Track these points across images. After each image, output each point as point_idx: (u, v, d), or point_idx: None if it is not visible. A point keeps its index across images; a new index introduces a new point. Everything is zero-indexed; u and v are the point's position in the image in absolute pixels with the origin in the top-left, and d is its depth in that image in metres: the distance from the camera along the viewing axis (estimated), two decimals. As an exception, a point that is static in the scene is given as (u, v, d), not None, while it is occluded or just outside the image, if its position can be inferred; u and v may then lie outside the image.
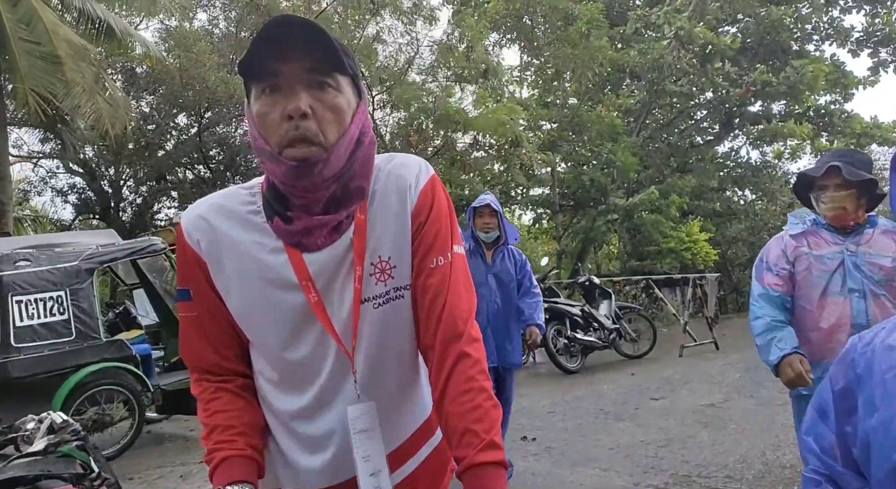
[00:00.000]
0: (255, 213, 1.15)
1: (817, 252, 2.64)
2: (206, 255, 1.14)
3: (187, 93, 12.89)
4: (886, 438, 0.84)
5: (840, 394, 0.95)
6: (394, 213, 1.14)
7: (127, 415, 5.85)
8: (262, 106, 1.05)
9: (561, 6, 14.52)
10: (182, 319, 1.22)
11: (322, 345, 1.14)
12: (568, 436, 5.42)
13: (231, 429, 1.15)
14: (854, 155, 2.62)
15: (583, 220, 15.60)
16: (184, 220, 1.17)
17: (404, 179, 1.15)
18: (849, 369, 0.94)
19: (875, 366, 0.90)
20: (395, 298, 1.15)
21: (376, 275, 1.14)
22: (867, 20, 18.51)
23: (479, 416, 1.06)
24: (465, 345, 1.11)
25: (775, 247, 2.77)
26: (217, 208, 1.16)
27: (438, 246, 1.15)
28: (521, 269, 4.33)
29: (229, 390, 1.20)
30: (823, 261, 2.62)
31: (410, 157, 1.20)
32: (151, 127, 13.85)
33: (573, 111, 15.39)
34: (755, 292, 2.78)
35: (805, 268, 2.66)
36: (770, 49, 17.15)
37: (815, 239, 2.67)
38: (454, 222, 1.20)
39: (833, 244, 2.62)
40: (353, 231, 1.13)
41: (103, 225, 14.45)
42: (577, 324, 8.95)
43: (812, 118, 17.92)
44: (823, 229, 2.67)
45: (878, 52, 18.55)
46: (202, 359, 1.21)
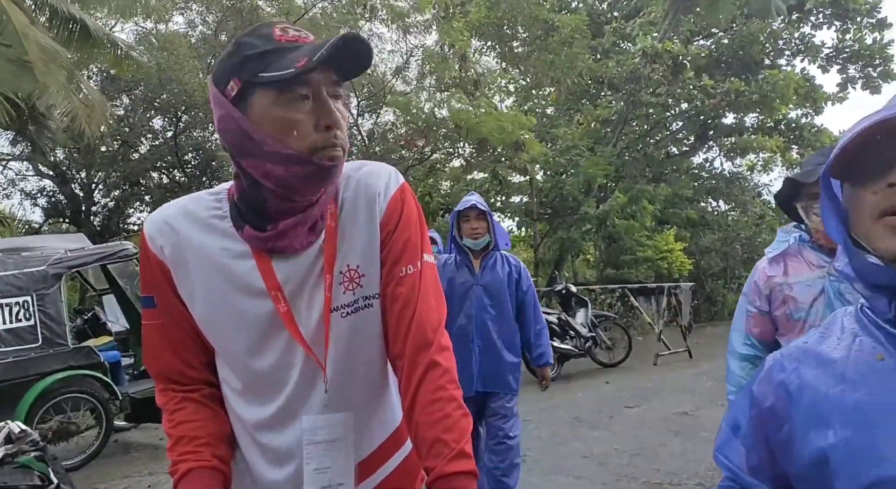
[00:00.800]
0: (222, 219, 1.13)
1: (795, 278, 2.17)
2: (169, 261, 1.12)
3: (164, 95, 12.74)
4: (852, 456, 0.83)
5: (769, 412, 0.94)
6: (363, 222, 1.14)
7: (94, 423, 5.72)
8: (291, 112, 1.02)
9: (541, 17, 14.66)
10: (146, 327, 1.19)
11: (289, 354, 1.12)
12: (542, 444, 5.42)
13: (196, 440, 1.13)
14: None
15: (559, 229, 15.72)
16: (147, 225, 1.15)
17: (373, 188, 1.15)
18: (778, 387, 0.93)
19: (810, 382, 0.90)
20: (363, 307, 1.14)
21: (345, 283, 1.13)
22: (837, 36, 18.97)
23: (448, 425, 1.05)
24: (435, 353, 1.10)
25: (752, 276, 2.32)
26: (182, 213, 1.14)
27: (408, 255, 1.14)
28: (521, 281, 3.63)
29: (195, 400, 1.18)
30: (800, 289, 2.14)
31: (380, 165, 1.20)
32: (126, 129, 13.65)
33: (552, 121, 15.52)
34: (736, 328, 2.37)
35: (780, 303, 2.19)
36: (743, 62, 17.48)
37: (795, 261, 2.19)
38: (424, 231, 1.19)
39: (815, 267, 2.14)
40: (324, 238, 1.12)
41: (73, 229, 14.19)
42: (554, 333, 8.98)
43: (783, 131, 18.30)
44: (808, 248, 2.18)
45: (847, 69, 19.00)
46: (167, 367, 1.19)
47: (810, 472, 0.88)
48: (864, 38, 18.58)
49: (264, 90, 1.02)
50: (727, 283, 17.85)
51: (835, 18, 18.69)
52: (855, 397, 0.85)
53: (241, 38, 1.05)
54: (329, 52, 0.97)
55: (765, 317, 2.25)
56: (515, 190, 16.25)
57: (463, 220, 3.57)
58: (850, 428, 0.83)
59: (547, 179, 16.22)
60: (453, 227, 3.61)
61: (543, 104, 17.44)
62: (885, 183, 0.80)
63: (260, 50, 1.01)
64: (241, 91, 1.03)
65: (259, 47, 1.02)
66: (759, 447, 0.95)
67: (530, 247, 17.32)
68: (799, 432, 0.89)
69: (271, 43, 1.02)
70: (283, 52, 1.00)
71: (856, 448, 0.82)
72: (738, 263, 17.45)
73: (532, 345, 3.66)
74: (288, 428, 1.14)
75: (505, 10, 14.57)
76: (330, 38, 0.99)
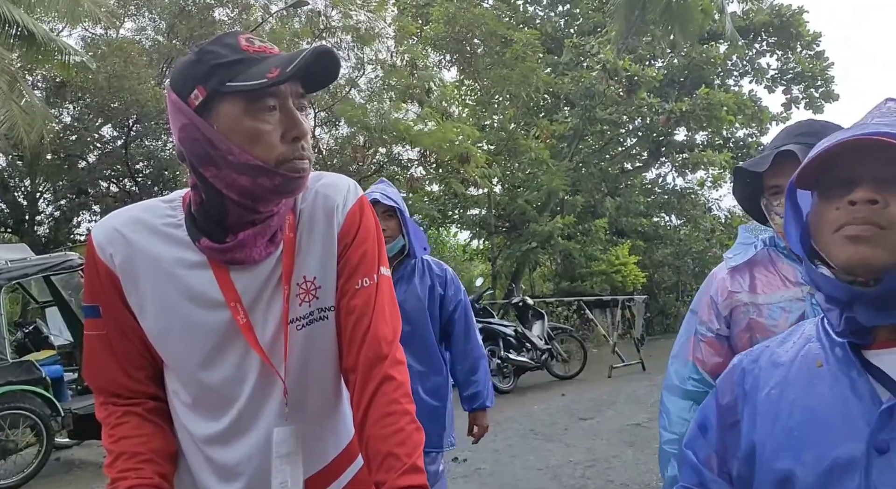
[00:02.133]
0: (176, 227, 1.10)
1: (765, 298, 1.59)
2: (119, 271, 1.08)
3: (114, 103, 12.42)
4: (765, 450, 0.90)
5: (726, 409, 0.99)
6: (320, 234, 1.13)
7: (34, 440, 5.48)
8: (259, 123, 1.01)
9: (499, 32, 14.87)
10: (88, 338, 1.14)
11: (242, 367, 1.10)
12: (498, 458, 5.42)
13: (138, 456, 1.09)
14: (822, 128, 1.51)
15: (516, 242, 15.88)
16: (96, 232, 1.11)
17: (332, 199, 1.14)
18: (736, 385, 0.98)
19: (761, 383, 0.95)
20: (318, 319, 1.13)
21: (301, 295, 1.11)
22: (782, 59, 19.82)
23: (401, 440, 1.04)
24: (389, 367, 1.09)
25: (705, 289, 1.74)
26: (134, 221, 1.10)
27: (364, 268, 1.14)
28: (447, 296, 2.67)
29: (137, 414, 1.14)
30: (772, 313, 1.58)
31: (339, 177, 1.19)
32: (73, 138, 13.24)
33: (509, 135, 15.70)
34: (678, 355, 1.74)
35: (745, 328, 1.60)
36: (694, 82, 18.06)
37: (766, 274, 1.63)
38: (381, 245, 1.19)
39: (793, 283, 1.58)
40: (282, 249, 1.10)
41: (16, 239, 13.66)
42: (511, 345, 9.03)
43: (731, 148, 18.93)
44: (784, 257, 1.62)
45: (791, 90, 19.82)
46: (109, 380, 1.14)
47: (742, 469, 0.94)
48: (806, 61, 19.45)
49: (232, 99, 1.00)
50: (679, 297, 18.26)
51: (778, 46, 19.56)
52: (788, 398, 0.90)
53: (205, 46, 1.03)
54: (302, 64, 0.97)
55: (722, 345, 1.65)
56: (473, 202, 16.34)
57: None
58: (775, 425, 0.90)
59: (505, 192, 16.38)
60: None
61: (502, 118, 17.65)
62: (846, 200, 0.84)
63: (227, 59, 1.00)
64: (207, 100, 1.01)
65: (226, 56, 1.00)
66: (719, 444, 0.99)
67: (488, 259, 17.43)
68: (743, 429, 0.95)
69: (238, 52, 1.00)
70: (251, 62, 1.00)
71: (769, 442, 0.89)
72: (690, 277, 17.89)
73: (462, 383, 2.74)
74: (239, 442, 1.11)
75: (462, 25, 14.73)
76: (299, 50, 0.99)
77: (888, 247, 0.81)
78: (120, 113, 12.75)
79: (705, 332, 1.67)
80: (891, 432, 0.80)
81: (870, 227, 0.82)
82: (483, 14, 14.99)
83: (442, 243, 19.46)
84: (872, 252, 0.82)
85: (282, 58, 1.00)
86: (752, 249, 1.66)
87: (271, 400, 1.11)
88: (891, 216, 0.82)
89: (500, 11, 17.21)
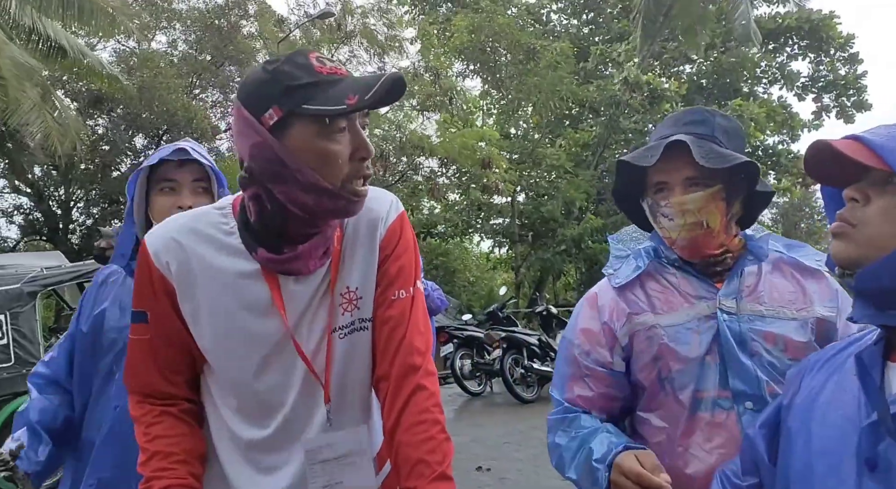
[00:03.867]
0: (229, 235, 1.12)
1: (669, 319, 1.30)
2: (175, 279, 1.10)
3: (145, 114, 12.71)
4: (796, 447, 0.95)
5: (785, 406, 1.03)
6: (363, 245, 1.16)
7: (66, 445, 5.58)
8: (333, 144, 1.02)
9: (523, 41, 14.91)
10: (132, 342, 1.17)
11: (289, 375, 1.13)
12: (522, 467, 5.39)
13: (172, 456, 1.12)
14: (712, 117, 1.32)
15: (539, 251, 15.83)
16: (151, 239, 1.13)
17: (376, 212, 1.17)
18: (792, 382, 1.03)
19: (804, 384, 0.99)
20: (359, 329, 1.16)
21: (343, 305, 1.14)
22: (812, 66, 19.49)
23: (432, 448, 1.06)
24: (422, 377, 1.11)
25: (585, 311, 1.40)
26: (189, 230, 1.12)
27: (401, 279, 1.16)
28: None
29: (172, 414, 1.16)
30: (682, 336, 1.28)
31: (382, 191, 1.22)
32: (106, 147, 13.56)
33: (533, 144, 15.70)
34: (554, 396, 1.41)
35: (652, 358, 1.29)
36: (722, 90, 17.87)
37: (660, 289, 1.34)
38: (418, 259, 1.22)
39: (694, 297, 1.30)
40: (331, 261, 1.14)
41: (50, 247, 13.99)
42: (535, 354, 8.98)
43: (760, 157, 18.66)
44: (674, 268, 1.34)
45: (822, 98, 19.49)
46: (147, 383, 1.17)
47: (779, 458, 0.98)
48: (839, 69, 19.10)
49: (307, 121, 1.01)
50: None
51: (809, 50, 19.23)
52: (820, 398, 0.93)
53: (278, 65, 1.03)
54: (381, 92, 0.99)
55: (616, 381, 1.33)
56: (496, 211, 16.35)
57: (158, 189, 1.62)
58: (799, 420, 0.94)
59: (528, 201, 16.37)
60: (133, 205, 1.65)
61: (525, 127, 17.65)
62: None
63: (303, 81, 1.00)
64: (281, 120, 1.01)
65: (301, 78, 1.01)
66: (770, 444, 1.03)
67: (511, 268, 17.39)
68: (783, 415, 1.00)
69: (313, 74, 1.01)
70: (326, 85, 1.01)
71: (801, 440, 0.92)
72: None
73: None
74: (283, 448, 1.14)
75: (487, 35, 14.80)
76: (375, 75, 1.01)
77: (858, 242, 0.84)
78: (151, 123, 13.04)
79: (589, 365, 1.33)
80: (874, 448, 0.80)
81: (842, 224, 0.86)
82: (508, 24, 15.05)
83: (465, 252, 19.47)
84: (844, 247, 0.85)
85: (358, 83, 1.01)
86: (633, 261, 1.38)
87: (317, 407, 1.14)
88: (864, 214, 0.84)
89: (524, 21, 17.26)
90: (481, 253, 19.92)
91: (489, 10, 15.06)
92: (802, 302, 1.28)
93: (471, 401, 8.81)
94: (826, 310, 1.27)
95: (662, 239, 1.34)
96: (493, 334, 8.94)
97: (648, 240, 1.41)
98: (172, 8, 14.13)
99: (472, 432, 6.39)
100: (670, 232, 1.29)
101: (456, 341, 9.13)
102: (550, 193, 15.67)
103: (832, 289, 1.31)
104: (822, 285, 1.31)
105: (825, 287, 1.31)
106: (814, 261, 1.33)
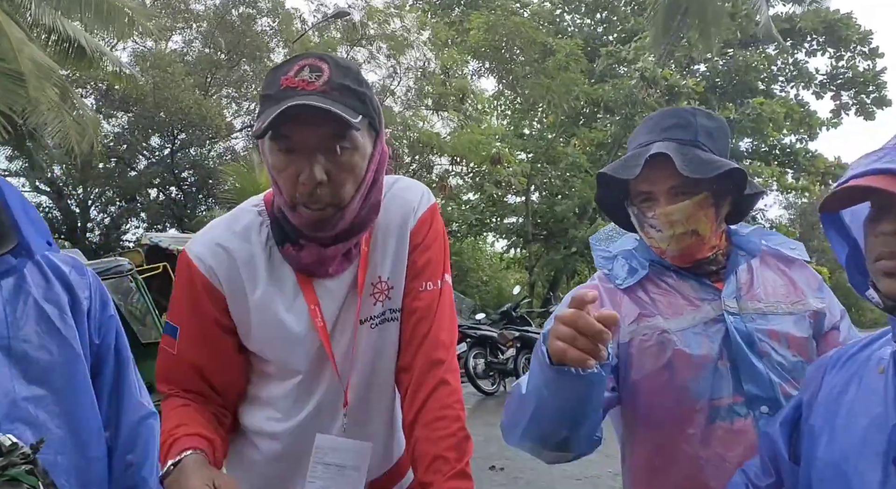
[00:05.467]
0: (268, 237, 1.12)
1: (677, 323, 1.22)
2: (224, 284, 1.10)
3: (160, 113, 12.83)
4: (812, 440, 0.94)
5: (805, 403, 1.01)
6: (394, 235, 1.16)
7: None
8: (276, 161, 1.02)
9: (539, 40, 14.87)
10: (162, 349, 1.17)
11: (318, 370, 1.13)
12: (536, 466, 5.37)
13: (194, 424, 1.09)
14: (694, 118, 1.25)
15: (551, 252, 15.78)
16: (195, 247, 1.12)
17: (408, 203, 1.17)
18: (812, 380, 1.00)
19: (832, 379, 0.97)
20: (389, 319, 1.15)
21: (375, 295, 1.14)
22: (831, 63, 19.26)
23: (452, 444, 1.05)
24: (446, 372, 1.11)
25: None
26: (231, 233, 1.13)
27: (430, 271, 1.16)
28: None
29: (199, 404, 1.16)
30: (691, 341, 1.20)
31: (414, 182, 1.22)
32: (123, 147, 13.71)
33: (547, 143, 15.65)
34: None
35: (664, 364, 1.20)
36: (738, 89, 17.71)
37: (661, 292, 1.27)
38: (447, 252, 1.21)
39: (697, 300, 1.24)
40: (358, 263, 1.13)
41: (69, 245, 14.16)
42: (548, 354, 8.96)
43: (778, 156, 18.46)
44: (670, 272, 1.28)
45: (841, 95, 19.25)
46: (177, 385, 1.16)
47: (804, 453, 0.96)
48: (857, 66, 18.86)
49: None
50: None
51: (828, 45, 18.99)
52: (845, 397, 0.92)
53: (270, 70, 1.06)
54: (265, 125, 0.96)
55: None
56: (510, 210, 16.31)
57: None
58: (834, 420, 0.91)
59: (542, 200, 16.31)
60: None
61: (539, 127, 17.59)
62: (876, 230, 0.84)
63: (265, 92, 1.01)
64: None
65: (266, 89, 1.01)
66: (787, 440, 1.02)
67: (525, 268, 17.34)
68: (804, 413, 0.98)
69: (275, 87, 1.00)
70: (271, 102, 0.98)
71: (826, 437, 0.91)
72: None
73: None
74: (310, 440, 1.13)
75: (502, 34, 14.78)
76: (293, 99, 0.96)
77: None
78: (166, 123, 13.16)
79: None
80: None
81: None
82: (523, 23, 15.01)
83: (479, 251, 19.45)
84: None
85: (275, 108, 0.96)
86: (624, 261, 1.30)
87: (338, 410, 1.14)
88: None
89: (538, 20, 17.21)
90: (494, 253, 19.91)
91: (504, 9, 15.04)
92: (795, 294, 1.24)
93: (484, 401, 8.79)
94: (818, 302, 1.25)
95: (651, 246, 1.26)
96: (507, 334, 8.94)
97: (636, 240, 1.33)
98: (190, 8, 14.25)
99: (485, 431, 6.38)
100: (660, 243, 1.23)
101: (469, 340, 9.13)
102: (564, 193, 15.61)
103: (817, 279, 1.28)
104: (806, 274, 1.28)
105: (810, 276, 1.29)
106: (789, 249, 1.30)
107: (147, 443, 1.28)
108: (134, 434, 1.27)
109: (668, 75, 15.09)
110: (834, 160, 18.74)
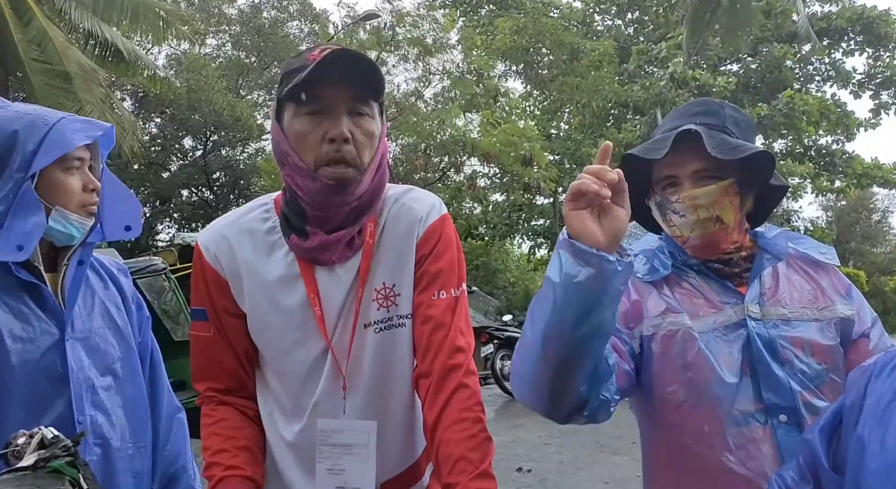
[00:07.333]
0: (272, 230, 1.17)
1: (698, 325, 1.18)
2: (227, 273, 1.16)
3: (194, 115, 13.07)
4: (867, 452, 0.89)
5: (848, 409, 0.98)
6: (399, 242, 1.18)
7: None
8: (301, 125, 1.09)
9: (567, 41, 14.80)
10: (194, 338, 1.22)
11: (318, 361, 1.15)
12: (563, 469, 5.35)
13: (233, 440, 1.16)
14: (722, 109, 1.23)
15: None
16: (204, 237, 1.19)
17: (416, 212, 1.19)
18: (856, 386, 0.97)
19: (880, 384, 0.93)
20: (397, 326, 1.17)
21: (379, 300, 1.16)
22: (869, 63, 18.80)
23: (474, 445, 1.06)
24: (464, 376, 1.11)
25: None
26: (236, 225, 1.19)
27: (442, 280, 1.17)
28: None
29: (235, 407, 1.21)
30: (712, 345, 1.16)
31: (427, 193, 1.25)
32: (157, 148, 14.00)
33: (576, 144, 15.56)
34: None
35: (683, 366, 1.17)
36: (772, 88, 17.40)
37: (683, 292, 1.22)
38: (461, 261, 1.22)
39: (720, 303, 1.20)
40: (362, 254, 1.16)
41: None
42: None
43: (813, 157, 18.08)
44: (693, 271, 1.23)
45: (880, 95, 18.79)
46: (211, 376, 1.22)
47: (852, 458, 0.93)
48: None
49: (288, 105, 1.10)
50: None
51: (867, 44, 18.55)
52: (893, 405, 0.89)
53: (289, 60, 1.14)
54: (311, 71, 1.04)
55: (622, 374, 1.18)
56: (538, 212, 16.26)
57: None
58: (870, 427, 0.90)
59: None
60: None
61: (566, 128, 17.51)
62: None
63: (291, 68, 1.09)
64: (277, 107, 1.13)
65: (292, 65, 1.10)
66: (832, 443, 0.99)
67: (553, 270, 17.26)
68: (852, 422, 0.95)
69: (299, 63, 1.09)
70: (302, 69, 1.06)
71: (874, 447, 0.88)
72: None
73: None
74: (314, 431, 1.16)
75: (531, 35, 14.75)
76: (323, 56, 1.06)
77: None
78: (199, 125, 13.41)
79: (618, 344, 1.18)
80: None
81: None
82: (552, 25, 14.96)
83: (506, 253, 19.43)
84: None
85: (310, 64, 1.06)
86: (645, 260, 1.25)
87: (339, 394, 1.16)
88: None
89: (567, 21, 17.13)
90: (522, 254, 19.85)
91: (533, 11, 15.00)
92: (822, 300, 1.20)
93: (511, 402, 8.77)
94: (846, 309, 1.20)
95: (673, 239, 1.23)
96: (534, 335, 8.90)
97: (659, 239, 1.29)
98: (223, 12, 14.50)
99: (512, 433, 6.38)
100: (682, 230, 1.18)
101: (496, 342, 9.11)
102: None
103: (845, 283, 1.24)
104: (833, 279, 1.24)
105: (837, 281, 1.24)
106: (819, 253, 1.25)
107: (178, 436, 1.39)
108: (168, 429, 1.38)
109: (698, 75, 14.90)
110: (871, 162, 18.30)
